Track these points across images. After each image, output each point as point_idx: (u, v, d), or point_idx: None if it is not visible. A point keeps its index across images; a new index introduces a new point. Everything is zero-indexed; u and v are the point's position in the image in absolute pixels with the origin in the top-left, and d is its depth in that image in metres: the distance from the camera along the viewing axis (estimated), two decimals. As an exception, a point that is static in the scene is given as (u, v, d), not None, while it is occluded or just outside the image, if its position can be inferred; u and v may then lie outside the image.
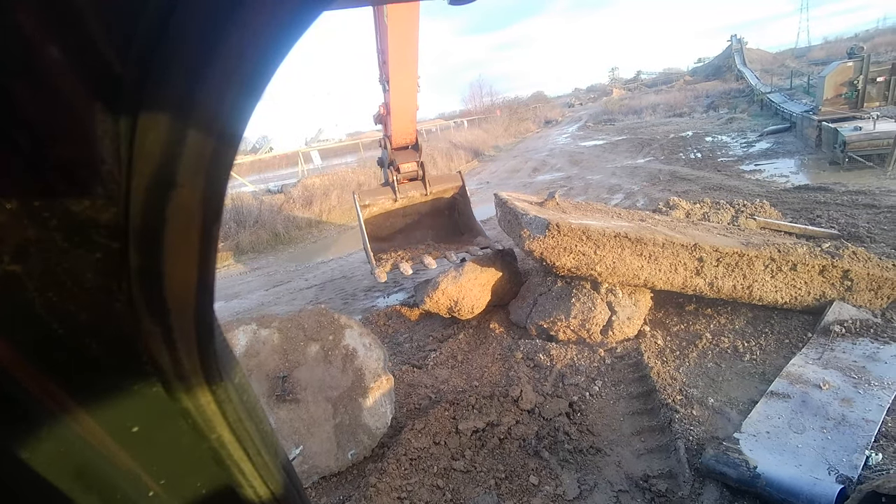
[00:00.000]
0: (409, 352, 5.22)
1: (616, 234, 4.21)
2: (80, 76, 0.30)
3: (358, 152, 25.65)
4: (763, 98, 21.46)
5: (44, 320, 0.36)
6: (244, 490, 0.57)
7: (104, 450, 0.44)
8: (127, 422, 0.44)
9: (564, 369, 4.23)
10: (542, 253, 4.36)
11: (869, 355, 3.65)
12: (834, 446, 2.92)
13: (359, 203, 6.13)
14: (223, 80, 0.36)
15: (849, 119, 10.83)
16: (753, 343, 4.15)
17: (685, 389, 3.72)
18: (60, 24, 0.29)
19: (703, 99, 31.33)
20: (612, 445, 3.36)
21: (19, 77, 0.28)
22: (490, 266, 5.40)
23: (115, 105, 0.32)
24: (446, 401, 3.80)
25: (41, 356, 0.37)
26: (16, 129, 0.29)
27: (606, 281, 4.50)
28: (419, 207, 6.69)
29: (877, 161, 9.49)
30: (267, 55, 0.38)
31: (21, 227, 0.32)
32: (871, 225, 6.44)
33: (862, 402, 3.21)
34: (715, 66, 48.71)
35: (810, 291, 4.24)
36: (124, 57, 0.31)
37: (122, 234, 0.36)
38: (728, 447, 3.00)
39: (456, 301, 5.10)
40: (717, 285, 4.29)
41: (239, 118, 0.39)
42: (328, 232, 13.39)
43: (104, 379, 0.41)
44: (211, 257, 0.43)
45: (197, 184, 0.38)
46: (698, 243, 4.21)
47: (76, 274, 0.35)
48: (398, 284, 7.73)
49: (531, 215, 4.54)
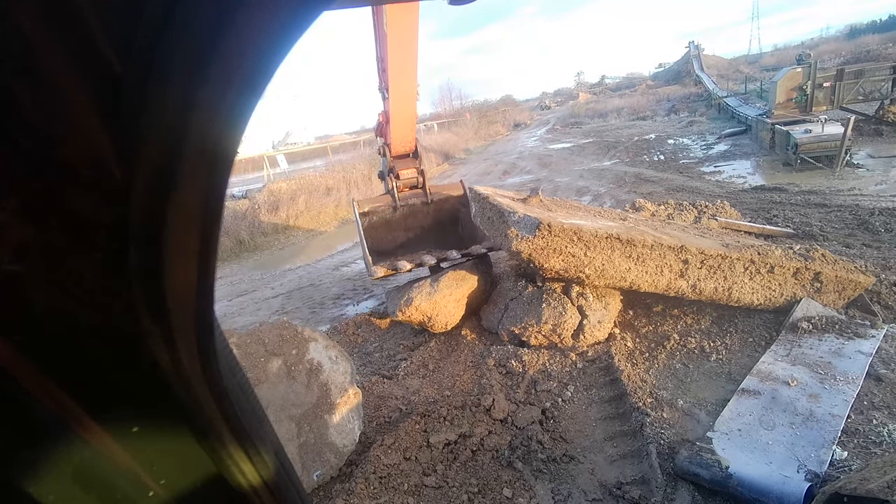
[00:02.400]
0: (380, 361, 5.08)
1: (608, 236, 4.10)
2: (80, 76, 0.30)
3: (326, 156, 25.21)
4: (720, 102, 22.37)
5: (44, 320, 0.36)
6: (244, 490, 0.57)
7: (104, 450, 0.43)
8: (127, 422, 0.44)
9: (537, 375, 4.18)
10: (531, 254, 4.15)
11: (834, 351, 3.76)
12: (803, 442, 2.97)
13: (358, 210, 5.94)
14: (223, 80, 0.36)
15: (799, 122, 11.38)
16: (719, 342, 4.22)
17: (655, 392, 3.73)
18: (60, 24, 0.28)
19: (664, 103, 32.46)
20: (585, 452, 3.32)
21: (19, 77, 0.28)
22: (467, 279, 5.22)
23: (116, 105, 0.32)
24: (417, 413, 3.68)
25: (41, 356, 0.37)
26: (16, 129, 0.29)
27: (594, 283, 4.39)
28: (421, 220, 6.48)
29: (826, 162, 9.99)
30: (267, 55, 0.38)
31: (21, 227, 0.32)
32: (823, 224, 6.74)
33: (828, 397, 3.29)
34: (675, 71, 50.60)
35: (783, 293, 4.34)
36: (124, 57, 0.31)
37: (122, 234, 0.36)
38: (701, 447, 3.02)
39: (429, 317, 4.93)
40: (699, 287, 4.30)
41: (239, 118, 0.39)
42: (295, 238, 13.02)
43: (104, 379, 0.41)
44: (211, 257, 0.43)
45: (197, 184, 0.38)
46: (685, 245, 4.20)
47: (76, 274, 0.36)
48: (368, 291, 7.56)
49: (520, 214, 4.34)
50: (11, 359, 0.36)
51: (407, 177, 6.15)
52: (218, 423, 0.51)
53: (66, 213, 0.33)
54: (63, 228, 0.34)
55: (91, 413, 0.41)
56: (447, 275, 5.15)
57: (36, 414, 0.39)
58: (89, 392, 0.41)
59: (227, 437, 0.53)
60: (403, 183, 6.18)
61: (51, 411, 0.39)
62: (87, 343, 0.39)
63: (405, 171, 6.13)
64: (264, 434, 0.63)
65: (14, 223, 0.32)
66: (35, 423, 0.40)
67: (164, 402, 0.45)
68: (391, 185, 6.13)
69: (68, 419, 0.40)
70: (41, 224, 0.33)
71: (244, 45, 0.36)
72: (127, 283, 0.38)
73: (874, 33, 43.86)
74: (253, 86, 0.38)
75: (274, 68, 0.39)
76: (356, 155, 22.84)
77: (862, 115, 12.43)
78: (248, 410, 0.58)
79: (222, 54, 0.34)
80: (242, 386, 0.60)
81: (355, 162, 19.31)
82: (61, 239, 0.34)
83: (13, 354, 0.36)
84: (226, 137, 0.39)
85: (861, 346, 3.76)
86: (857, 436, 2.97)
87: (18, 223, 0.32)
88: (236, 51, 0.35)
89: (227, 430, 0.53)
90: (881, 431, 2.95)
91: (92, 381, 0.41)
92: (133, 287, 0.38)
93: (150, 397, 0.45)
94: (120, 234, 0.36)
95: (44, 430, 0.40)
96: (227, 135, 0.39)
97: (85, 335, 0.38)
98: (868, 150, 11.07)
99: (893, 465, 2.03)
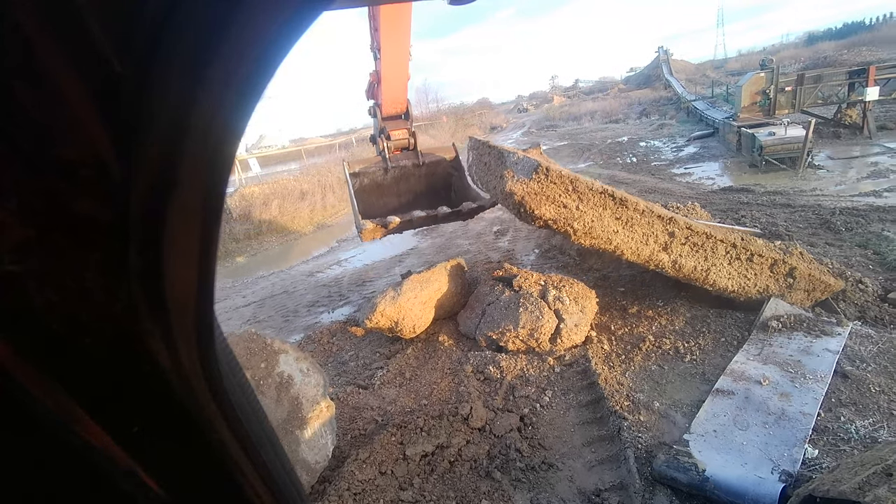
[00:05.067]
0: (355, 371, 4.94)
1: (603, 191, 4.04)
2: (80, 76, 0.30)
3: (301, 160, 24.76)
4: (689, 106, 23.02)
5: (44, 320, 0.36)
6: (245, 490, 0.57)
7: (104, 450, 0.43)
8: (127, 422, 0.44)
9: (515, 381, 4.14)
10: (524, 198, 4.01)
11: (803, 349, 3.84)
12: (776, 441, 3.01)
13: (348, 171, 5.80)
14: (223, 80, 0.36)
15: (764, 125, 11.77)
16: (693, 343, 4.27)
17: (632, 395, 3.73)
18: (60, 24, 0.28)
19: (635, 106, 33.19)
20: (563, 459, 3.29)
21: (19, 77, 0.28)
22: (432, 281, 5.16)
23: (116, 105, 0.32)
24: (393, 424, 3.58)
25: (41, 356, 0.37)
26: (16, 129, 0.30)
27: (580, 240, 4.23)
28: (414, 185, 6.34)
29: (789, 164, 10.36)
30: (267, 55, 0.38)
31: (21, 227, 0.32)
32: (788, 223, 6.95)
33: (799, 396, 3.35)
34: (645, 75, 51.88)
35: (756, 284, 4.41)
36: (124, 57, 0.31)
37: (122, 234, 0.36)
38: (679, 450, 3.02)
39: (396, 321, 4.84)
40: (679, 264, 4.28)
41: (239, 118, 0.39)
42: (269, 244, 12.70)
43: (104, 379, 0.41)
44: (211, 257, 0.43)
45: (197, 184, 0.38)
46: (674, 217, 4.19)
47: (76, 274, 0.36)
48: (343, 297, 7.40)
49: (519, 155, 4.22)
50: (11, 359, 0.36)
51: (398, 138, 6.01)
52: (218, 423, 0.51)
53: (65, 213, 0.33)
54: (63, 228, 0.34)
55: (91, 413, 0.41)
56: (410, 278, 5.10)
57: (36, 414, 0.39)
58: (89, 392, 0.41)
59: (227, 437, 0.53)
60: (395, 144, 6.03)
61: (51, 411, 0.39)
62: (87, 343, 0.39)
63: (396, 132, 6.00)
64: (264, 434, 0.62)
65: (14, 223, 0.32)
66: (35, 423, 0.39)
67: (164, 402, 0.45)
68: (382, 147, 5.98)
69: (68, 419, 0.40)
70: (41, 224, 0.33)
71: (244, 46, 0.35)
72: (127, 283, 0.38)
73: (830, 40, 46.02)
74: (253, 86, 0.38)
75: (274, 68, 0.39)
76: (332, 158, 22.53)
77: (821, 118, 12.95)
78: (248, 410, 0.58)
79: (222, 54, 0.34)
80: (242, 386, 0.60)
81: (331, 165, 19.02)
82: (61, 239, 0.34)
83: (13, 354, 0.36)
84: (226, 137, 0.39)
85: (828, 343, 3.85)
86: (827, 433, 3.02)
87: (18, 223, 0.32)
88: (236, 51, 0.35)
89: (227, 430, 0.53)
90: (849, 429, 3.01)
91: (92, 381, 0.41)
92: (133, 287, 0.38)
93: (150, 397, 0.44)
94: (120, 234, 0.35)
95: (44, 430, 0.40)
96: (227, 135, 0.39)
97: (85, 335, 0.38)
98: (828, 152, 11.54)
99: (864, 465, 2.05)
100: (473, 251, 8.55)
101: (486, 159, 4.76)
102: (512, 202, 4.18)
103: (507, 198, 4.20)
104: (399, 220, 5.07)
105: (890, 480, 1.90)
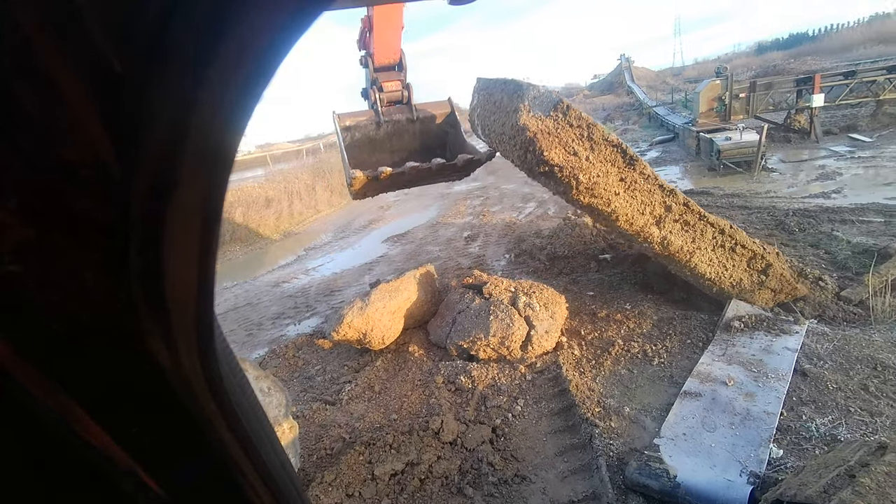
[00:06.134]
0: (322, 386, 4.76)
1: (617, 143, 3.89)
2: (80, 76, 0.30)
3: (267, 166, 24.14)
4: (650, 111, 23.79)
5: (44, 320, 0.36)
6: (245, 490, 0.57)
7: (104, 450, 0.43)
8: (127, 422, 0.44)
9: (486, 391, 4.06)
10: (536, 135, 3.78)
11: (765, 348, 3.94)
12: (742, 442, 3.05)
13: (339, 124, 5.50)
14: (223, 80, 0.35)
15: (721, 130, 12.25)
16: (660, 346, 4.31)
17: (603, 400, 3.72)
18: (60, 23, 0.28)
19: (600, 112, 34.06)
20: (536, 470, 3.23)
21: (19, 77, 0.28)
22: (401, 289, 5.04)
23: (116, 105, 0.32)
24: (361, 442, 3.44)
25: (41, 356, 0.37)
26: (16, 129, 0.30)
27: (581, 196, 4.05)
28: (408, 143, 6.03)
29: (745, 167, 10.80)
30: (267, 55, 0.37)
31: (21, 227, 0.32)
32: (746, 224, 7.20)
33: (762, 395, 3.41)
34: (608, 82, 53.37)
35: (732, 276, 4.47)
36: (124, 57, 0.31)
37: (122, 234, 0.35)
38: (650, 456, 3.02)
39: (364, 333, 4.69)
40: (668, 241, 4.25)
41: (239, 118, 0.39)
42: (232, 254, 12.24)
43: (104, 379, 0.41)
44: (211, 257, 0.43)
45: (197, 184, 0.38)
46: (675, 189, 4.15)
47: (76, 274, 0.35)
48: (310, 308, 7.17)
49: (541, 89, 3.98)
50: (11, 359, 0.36)
51: (391, 90, 5.71)
52: (218, 422, 0.51)
53: (66, 213, 0.33)
54: (63, 228, 0.34)
55: (91, 413, 0.41)
56: (379, 287, 4.97)
57: (36, 414, 0.39)
58: (89, 392, 0.41)
59: (227, 437, 0.53)
60: (387, 96, 5.72)
61: (51, 411, 0.40)
62: (87, 343, 0.39)
63: (389, 83, 5.69)
64: (264, 434, 0.62)
65: (14, 223, 0.32)
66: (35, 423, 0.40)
67: (164, 401, 0.46)
68: (374, 99, 5.67)
69: (68, 419, 0.41)
70: (41, 224, 0.33)
71: (244, 46, 0.35)
72: (127, 283, 0.38)
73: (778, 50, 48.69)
74: (253, 86, 0.38)
75: (275, 68, 0.38)
76: (299, 165, 22.05)
77: (773, 123, 13.60)
78: (248, 410, 0.58)
79: (222, 54, 0.34)
80: (242, 386, 0.60)
81: (298, 171, 18.60)
82: (61, 239, 0.34)
83: (13, 354, 0.36)
84: (226, 137, 0.39)
85: (787, 342, 3.97)
86: (790, 433, 3.08)
87: (18, 223, 0.32)
88: (236, 51, 0.35)
89: (227, 430, 0.53)
90: (810, 427, 3.08)
91: (92, 381, 0.41)
92: (133, 287, 0.38)
93: (150, 397, 0.45)
94: (120, 234, 0.36)
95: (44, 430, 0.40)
96: (227, 135, 0.39)
97: (85, 335, 0.39)
98: (780, 155, 12.11)
99: (828, 467, 2.07)
100: (444, 257, 8.47)
101: (498, 97, 4.43)
102: (521, 140, 3.89)
103: (517, 134, 3.91)
104: (391, 170, 4.80)
105: (853, 482, 1.92)
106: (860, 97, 13.08)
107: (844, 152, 11.32)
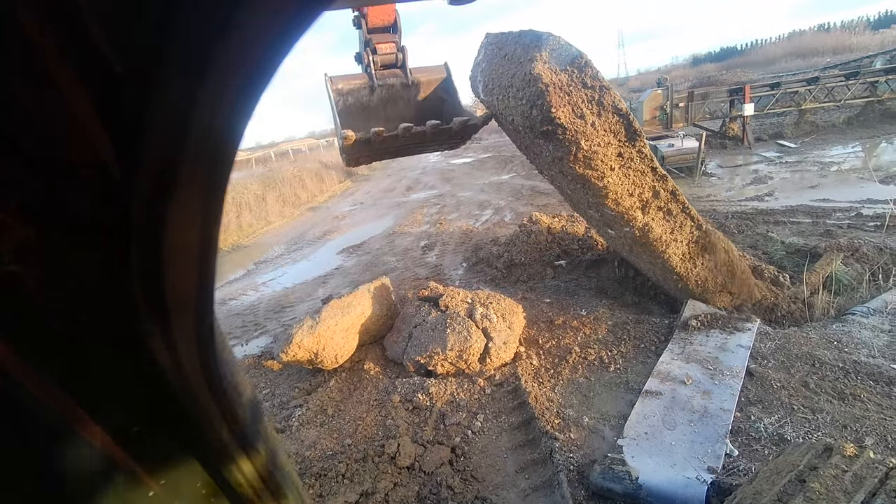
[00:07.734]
0: (270, 411, 4.45)
1: (625, 114, 3.72)
2: (79, 76, 0.30)
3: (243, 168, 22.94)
4: (599, 119, 24.69)
5: (44, 320, 0.35)
6: (244, 490, 0.57)
7: (104, 450, 0.42)
8: (127, 422, 0.43)
9: (445, 408, 3.93)
10: (549, 87, 3.54)
11: (720, 346, 4.05)
12: (700, 438, 3.10)
13: (331, 87, 5.22)
14: (223, 81, 0.35)
15: (664, 137, 12.84)
16: (615, 351, 4.35)
17: (562, 411, 3.68)
18: (60, 23, 0.28)
19: (552, 119, 35.05)
20: (497, 490, 3.12)
21: (19, 77, 0.28)
22: (355, 305, 4.82)
23: (116, 105, 0.31)
24: (311, 474, 3.21)
25: (41, 356, 0.37)
26: (16, 129, 0.29)
27: (576, 165, 3.85)
28: (402, 111, 5.73)
29: (687, 172, 11.36)
30: (267, 55, 0.37)
31: (21, 227, 0.32)
32: (690, 228, 7.50)
33: (718, 392, 3.49)
34: (559, 90, 55.21)
35: (699, 274, 4.53)
36: (124, 57, 0.31)
37: (122, 234, 0.35)
38: (613, 458, 3.01)
39: (315, 353, 4.43)
40: (648, 227, 4.18)
41: (239, 118, 0.39)
42: (175, 270, 11.48)
43: (104, 379, 0.41)
44: (211, 257, 0.43)
45: (197, 184, 0.38)
46: (667, 175, 4.10)
47: (76, 274, 0.35)
48: (260, 327, 6.77)
49: (562, 41, 3.72)
50: (11, 359, 0.35)
51: (385, 52, 5.45)
52: (218, 422, 0.51)
53: (66, 213, 0.33)
54: (63, 228, 0.33)
55: (91, 413, 0.41)
56: (330, 304, 4.72)
57: (36, 414, 0.38)
58: (89, 392, 0.40)
59: (227, 437, 0.53)
60: (381, 59, 5.46)
61: (51, 411, 0.39)
62: (88, 343, 0.38)
63: (384, 45, 5.43)
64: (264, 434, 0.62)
65: (14, 223, 0.31)
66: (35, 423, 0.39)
67: (164, 402, 0.45)
68: (367, 61, 5.42)
69: (68, 419, 0.40)
70: (41, 224, 0.32)
71: (244, 46, 0.35)
72: (127, 283, 0.37)
73: (711, 62, 52.30)
74: (253, 86, 0.38)
75: (275, 68, 0.38)
76: (249, 174, 21.16)
77: (710, 130, 14.44)
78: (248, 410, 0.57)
79: (223, 55, 0.34)
80: (242, 386, 0.59)
81: (247, 181, 17.82)
82: (61, 239, 0.33)
83: (13, 354, 0.35)
84: (226, 138, 0.39)
85: (741, 339, 4.10)
86: (740, 434, 3.14)
87: (18, 223, 0.31)
88: (236, 51, 0.34)
89: (227, 430, 0.52)
90: (759, 427, 3.16)
91: (92, 381, 0.40)
92: (133, 287, 0.37)
93: (150, 397, 0.44)
94: (120, 234, 0.35)
95: (44, 430, 0.39)
96: (227, 135, 0.39)
97: (85, 335, 0.38)
98: (717, 161, 12.85)
99: (779, 473, 2.09)
100: (401, 268, 8.30)
101: (510, 48, 4.12)
102: (530, 93, 3.65)
103: (527, 86, 3.66)
104: (383, 130, 4.58)
105: (804, 488, 1.93)
106: (784, 106, 14.13)
107: (774, 157, 12.16)
